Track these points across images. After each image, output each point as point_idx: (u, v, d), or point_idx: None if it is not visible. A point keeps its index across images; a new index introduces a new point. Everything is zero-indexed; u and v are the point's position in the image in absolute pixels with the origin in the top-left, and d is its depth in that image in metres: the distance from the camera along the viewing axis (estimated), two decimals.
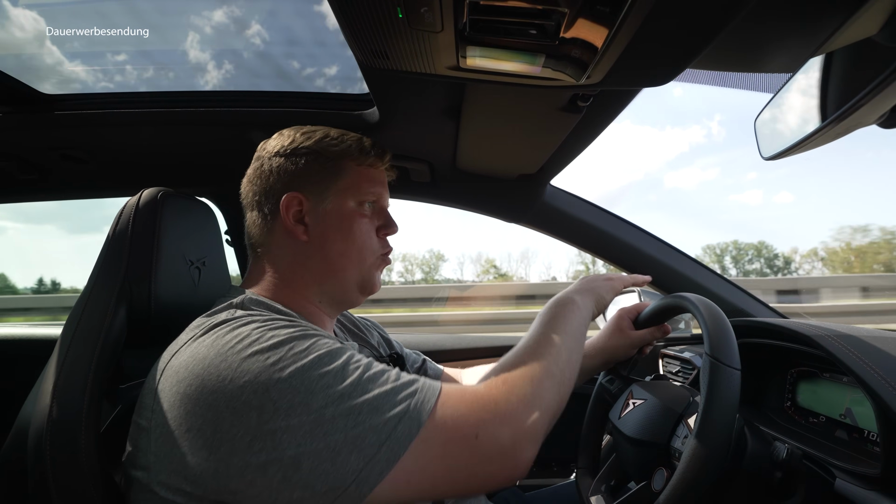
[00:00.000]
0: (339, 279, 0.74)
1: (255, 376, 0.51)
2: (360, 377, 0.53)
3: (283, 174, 0.73)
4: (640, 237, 1.29)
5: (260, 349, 0.53)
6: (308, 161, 0.73)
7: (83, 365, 0.66)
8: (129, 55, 1.10)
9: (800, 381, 0.97)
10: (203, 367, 0.53)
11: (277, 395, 0.50)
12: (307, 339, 0.55)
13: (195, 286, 0.82)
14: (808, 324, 0.90)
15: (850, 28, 0.49)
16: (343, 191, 0.74)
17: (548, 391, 0.59)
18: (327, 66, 1.07)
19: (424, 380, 0.57)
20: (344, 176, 0.74)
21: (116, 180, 1.25)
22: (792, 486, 0.65)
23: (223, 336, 0.55)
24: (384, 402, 0.52)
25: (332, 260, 0.73)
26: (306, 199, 0.72)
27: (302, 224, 0.72)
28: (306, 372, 0.52)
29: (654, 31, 0.53)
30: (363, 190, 0.75)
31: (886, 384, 0.68)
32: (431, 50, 0.61)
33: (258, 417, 0.49)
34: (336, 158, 0.74)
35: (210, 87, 1.06)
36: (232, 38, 1.08)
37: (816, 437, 0.87)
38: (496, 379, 0.59)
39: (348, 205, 0.74)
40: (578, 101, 0.75)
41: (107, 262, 0.75)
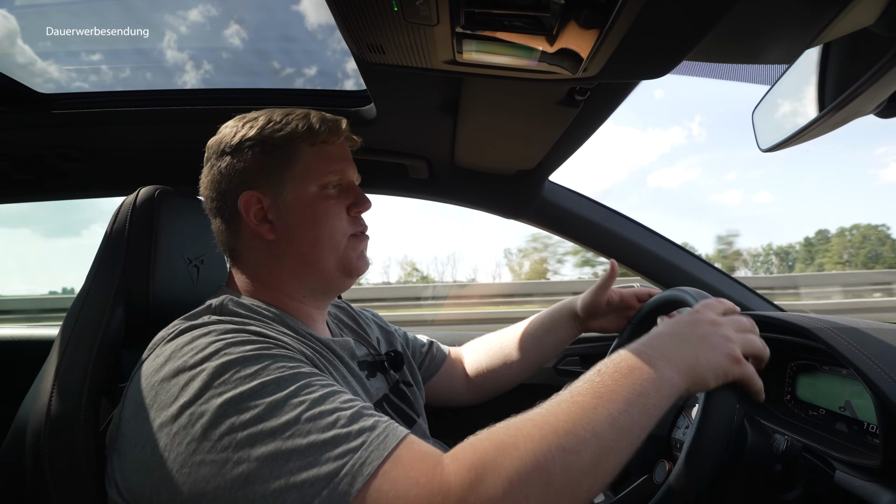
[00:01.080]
0: (317, 270, 0.70)
1: (194, 398, 0.49)
2: (300, 414, 0.47)
3: (234, 174, 0.69)
4: (639, 233, 1.29)
5: (208, 367, 0.50)
6: (255, 153, 0.68)
7: (81, 364, 0.66)
8: (126, 54, 1.09)
9: (799, 375, 0.97)
10: (156, 381, 0.52)
11: (209, 423, 0.47)
12: (259, 362, 0.51)
13: (194, 284, 0.82)
14: (807, 316, 0.90)
15: (846, 18, 0.49)
16: (300, 177, 0.69)
17: (534, 500, 0.44)
18: (322, 63, 1.07)
19: (385, 427, 0.49)
20: (298, 161, 0.69)
21: (114, 179, 1.25)
22: (792, 479, 0.65)
23: (181, 347, 0.54)
24: (317, 455, 0.45)
25: (305, 252, 0.69)
26: (264, 195, 0.68)
27: (266, 222, 0.68)
28: (243, 400, 0.48)
29: (651, 23, 0.53)
30: (321, 171, 0.70)
31: (886, 376, 0.68)
32: (427, 44, 0.61)
33: (188, 446, 0.47)
34: (284, 144, 0.69)
35: (206, 85, 1.06)
36: (230, 37, 1.08)
37: (816, 430, 0.87)
38: (471, 455, 0.47)
39: (309, 191, 0.69)
40: (576, 95, 0.75)
41: (104, 261, 0.74)
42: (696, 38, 0.56)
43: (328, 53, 1.07)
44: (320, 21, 1.04)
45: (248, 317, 0.62)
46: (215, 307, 0.63)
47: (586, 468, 0.46)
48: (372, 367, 0.80)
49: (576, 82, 0.70)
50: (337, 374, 0.65)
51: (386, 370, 0.83)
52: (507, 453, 0.46)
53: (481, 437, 0.49)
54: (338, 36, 0.67)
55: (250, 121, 0.71)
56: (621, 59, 0.60)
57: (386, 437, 0.48)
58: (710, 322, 0.60)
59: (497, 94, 0.79)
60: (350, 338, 0.80)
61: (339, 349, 0.70)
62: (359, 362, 0.76)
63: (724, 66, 0.72)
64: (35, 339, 1.48)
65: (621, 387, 0.51)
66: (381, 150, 1.14)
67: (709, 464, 0.59)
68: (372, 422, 0.49)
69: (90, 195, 1.32)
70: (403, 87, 0.86)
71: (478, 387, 1.02)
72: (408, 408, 0.79)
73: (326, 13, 0.58)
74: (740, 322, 0.62)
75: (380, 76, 0.82)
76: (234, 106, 1.03)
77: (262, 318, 0.63)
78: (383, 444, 0.47)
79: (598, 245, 1.30)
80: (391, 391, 0.80)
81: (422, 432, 0.79)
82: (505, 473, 0.44)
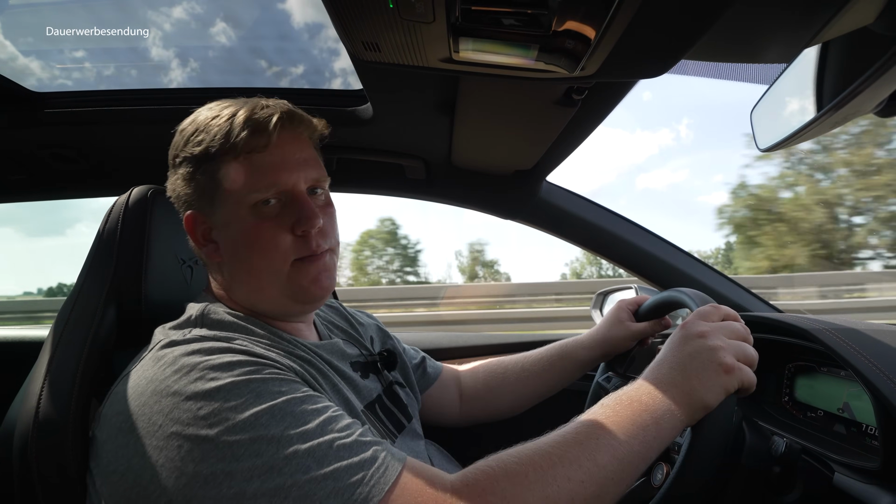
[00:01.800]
0: (264, 296, 0.64)
1: (183, 427, 0.47)
2: (298, 448, 0.46)
3: (176, 192, 0.65)
4: (637, 233, 1.28)
5: (194, 394, 0.48)
6: (186, 171, 0.63)
7: (71, 365, 0.65)
8: (120, 53, 1.09)
9: (797, 376, 0.96)
10: (138, 405, 0.50)
11: (200, 456, 0.45)
12: (248, 388, 0.48)
13: (187, 285, 0.81)
14: (805, 318, 0.89)
15: (845, 17, 0.49)
16: (228, 197, 0.61)
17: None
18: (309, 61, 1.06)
19: (384, 459, 0.48)
20: (223, 178, 0.61)
21: (107, 179, 1.24)
22: (791, 481, 0.65)
23: (164, 368, 0.51)
24: (317, 490, 0.44)
25: (248, 278, 0.64)
26: (203, 215, 0.64)
27: (213, 242, 0.64)
28: (236, 433, 0.46)
29: (649, 21, 0.53)
30: (250, 187, 0.60)
31: (885, 378, 0.67)
32: (424, 42, 0.60)
33: (177, 479, 0.45)
34: (207, 160, 0.61)
35: (201, 84, 1.05)
36: (216, 34, 1.07)
37: (815, 432, 0.87)
38: (481, 479, 0.48)
39: (240, 213, 0.61)
40: (573, 95, 0.75)
41: (96, 261, 0.73)
42: (693, 37, 0.56)
43: (315, 52, 1.06)
44: (307, 20, 1.03)
45: (231, 329, 0.60)
46: (195, 318, 0.61)
47: (589, 498, 0.48)
48: (365, 368, 0.79)
49: (573, 81, 0.70)
50: (327, 384, 0.63)
51: (379, 370, 0.82)
52: (516, 482, 0.47)
53: (491, 463, 0.50)
54: (324, 35, 0.66)
55: (182, 129, 0.64)
56: (619, 58, 0.60)
57: (386, 469, 0.47)
58: (700, 334, 0.60)
59: (494, 93, 0.78)
60: (339, 339, 0.79)
61: (328, 353, 0.69)
62: (351, 363, 0.75)
63: (722, 65, 0.71)
64: (26, 340, 1.47)
65: (623, 419, 0.53)
66: (377, 150, 1.13)
67: (707, 466, 0.58)
68: (371, 452, 0.48)
69: (83, 195, 1.31)
70: (400, 86, 0.86)
71: (471, 412, 0.99)
72: (399, 411, 0.78)
73: (313, 12, 0.58)
74: (732, 328, 0.62)
75: (376, 75, 0.82)
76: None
77: (246, 332, 0.61)
78: (384, 476, 0.47)
79: (595, 246, 1.30)
80: (384, 392, 0.79)
81: (413, 433, 0.78)
82: (513, 500, 0.46)
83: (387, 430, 0.70)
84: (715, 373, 0.56)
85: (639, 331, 0.93)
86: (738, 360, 0.58)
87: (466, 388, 1.00)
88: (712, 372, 0.56)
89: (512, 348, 1.36)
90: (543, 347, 1.00)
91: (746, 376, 0.58)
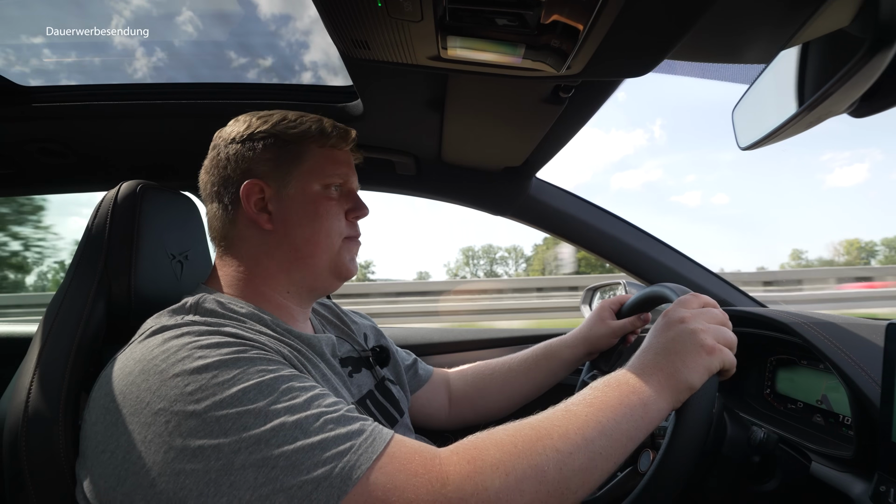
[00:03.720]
0: (308, 266, 0.71)
1: (170, 403, 0.47)
2: (286, 420, 0.46)
3: (241, 161, 0.70)
4: (624, 230, 1.30)
5: (182, 371, 0.49)
6: (266, 146, 0.70)
7: (61, 359, 0.65)
8: (111, 48, 1.08)
9: (779, 369, 0.99)
10: (126, 385, 0.51)
11: (188, 430, 0.46)
12: (236, 366, 0.50)
13: (177, 280, 0.82)
14: (787, 312, 0.92)
15: (822, 18, 0.50)
16: (306, 174, 0.71)
17: (528, 496, 0.47)
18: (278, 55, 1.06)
19: (371, 431, 0.49)
20: (306, 159, 0.71)
21: (97, 174, 1.23)
22: (770, 470, 0.67)
23: (152, 349, 0.52)
24: (305, 459, 0.45)
25: (299, 247, 0.70)
26: (267, 185, 0.69)
27: (265, 212, 0.69)
28: (224, 407, 0.46)
29: (632, 21, 0.54)
30: (327, 172, 0.72)
31: (860, 370, 0.70)
32: (412, 40, 0.61)
33: (165, 454, 0.46)
34: (296, 141, 0.71)
35: (190, 80, 1.05)
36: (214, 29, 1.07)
37: (795, 423, 0.89)
38: (470, 449, 0.49)
39: (313, 188, 0.71)
40: (560, 93, 0.76)
41: (85, 256, 0.74)
42: (676, 37, 0.57)
43: (282, 45, 1.06)
44: (274, 12, 1.03)
45: (223, 316, 0.61)
46: (190, 306, 0.62)
47: (577, 470, 0.49)
48: (357, 363, 0.80)
49: (560, 80, 0.71)
50: (316, 373, 0.64)
51: (371, 366, 0.83)
52: (505, 450, 0.49)
53: (480, 435, 0.52)
54: (292, 27, 0.67)
55: (264, 116, 0.73)
56: (604, 58, 0.61)
57: (374, 439, 0.48)
58: (680, 319, 0.62)
59: (483, 90, 0.79)
60: (332, 334, 0.80)
61: (321, 346, 0.70)
62: (342, 359, 0.76)
63: (704, 65, 0.73)
64: (13, 336, 1.46)
65: (612, 399, 0.55)
66: (368, 146, 1.14)
67: (691, 449, 0.60)
68: (358, 425, 0.49)
69: (71, 190, 1.30)
70: (390, 83, 0.86)
71: (460, 413, 1.00)
72: (391, 406, 0.79)
73: (282, 3, 0.58)
74: (711, 314, 0.64)
75: (366, 72, 0.82)
76: (220, 101, 1.02)
77: (238, 318, 0.62)
78: (372, 446, 0.47)
79: (584, 242, 1.31)
80: (376, 387, 0.80)
81: (405, 428, 0.79)
82: (503, 467, 0.47)
83: None
84: (697, 354, 0.58)
85: (620, 327, 0.95)
86: (719, 342, 0.61)
87: (455, 389, 1.01)
88: (695, 353, 0.58)
89: (503, 343, 1.38)
90: (530, 348, 1.02)
91: (727, 357, 0.60)
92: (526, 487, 0.47)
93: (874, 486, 0.61)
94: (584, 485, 0.50)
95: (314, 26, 1.01)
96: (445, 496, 0.45)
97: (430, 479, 0.46)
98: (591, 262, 10.28)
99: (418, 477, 0.46)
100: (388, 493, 0.45)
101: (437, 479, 0.46)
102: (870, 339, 0.76)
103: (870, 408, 0.66)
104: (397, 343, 1.03)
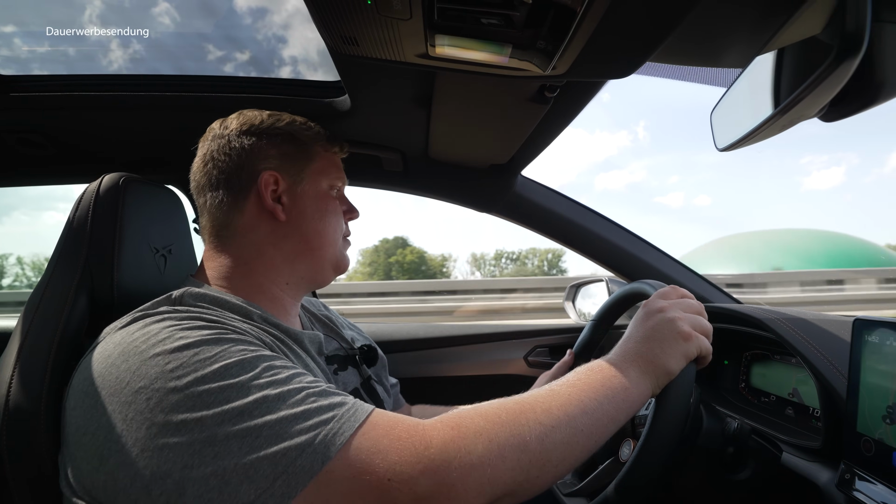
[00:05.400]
0: (315, 258, 0.75)
1: (150, 381, 0.47)
2: (268, 393, 0.47)
3: (258, 153, 0.72)
4: (608, 228, 1.33)
5: (162, 351, 0.49)
6: (283, 142, 0.74)
7: (42, 354, 0.64)
8: (88, 39, 1.06)
9: (753, 364, 1.02)
10: (105, 367, 0.51)
11: (170, 406, 0.46)
12: (218, 345, 0.50)
13: (161, 274, 0.81)
14: (761, 308, 0.95)
15: (795, 25, 0.52)
16: (317, 173, 0.76)
17: (509, 463, 0.48)
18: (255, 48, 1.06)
19: (354, 403, 0.50)
20: (316, 160, 0.76)
21: (78, 166, 1.21)
22: (743, 460, 0.70)
23: (132, 333, 0.53)
24: (288, 427, 0.46)
25: (309, 239, 0.74)
26: (283, 178, 0.73)
27: (279, 203, 0.72)
28: (206, 382, 0.47)
29: (616, 24, 0.55)
30: (332, 174, 0.78)
31: (829, 364, 0.73)
32: (401, 37, 0.62)
33: (147, 430, 0.46)
34: (308, 143, 0.76)
35: (175, 72, 1.03)
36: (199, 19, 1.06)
37: (768, 416, 0.93)
38: (454, 417, 0.51)
39: (322, 187, 0.76)
40: (546, 92, 0.77)
41: (65, 250, 0.73)
42: (657, 41, 0.59)
43: (259, 38, 1.06)
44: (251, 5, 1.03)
45: (207, 307, 0.61)
46: (175, 298, 0.62)
47: (558, 443, 0.51)
48: (343, 361, 0.80)
49: (546, 80, 0.72)
50: (298, 362, 0.64)
51: (358, 364, 0.83)
52: (489, 419, 0.50)
53: (465, 408, 0.53)
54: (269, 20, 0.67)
55: (275, 115, 0.77)
56: (588, 59, 0.62)
57: (356, 410, 0.49)
58: (659, 309, 0.65)
59: (470, 88, 0.80)
60: (320, 332, 0.80)
61: (307, 341, 0.70)
62: (328, 357, 0.76)
63: (685, 68, 0.75)
64: None
65: (593, 381, 0.57)
66: (355, 142, 1.14)
67: (671, 435, 0.62)
68: (340, 398, 0.50)
69: (51, 182, 1.28)
70: (378, 80, 0.87)
71: None
72: (376, 406, 0.79)
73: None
74: (688, 304, 0.67)
75: (354, 68, 0.83)
76: (206, 94, 1.01)
77: (222, 309, 0.62)
78: (355, 415, 0.48)
79: (567, 239, 1.33)
80: (362, 386, 0.80)
81: None
82: (486, 434, 0.48)
83: None
84: (675, 341, 0.61)
85: None
86: (695, 330, 0.63)
87: None
88: (673, 340, 0.61)
89: (486, 339, 1.40)
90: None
91: (703, 344, 0.63)
92: (508, 455, 0.48)
93: (840, 474, 0.64)
94: (566, 459, 0.51)
95: (292, 20, 1.01)
96: (429, 458, 0.46)
97: (414, 442, 0.47)
98: None
99: (402, 441, 0.47)
100: (371, 457, 0.46)
101: (421, 443, 0.47)
102: (838, 334, 0.79)
103: (837, 400, 0.69)
104: (385, 339, 1.04)
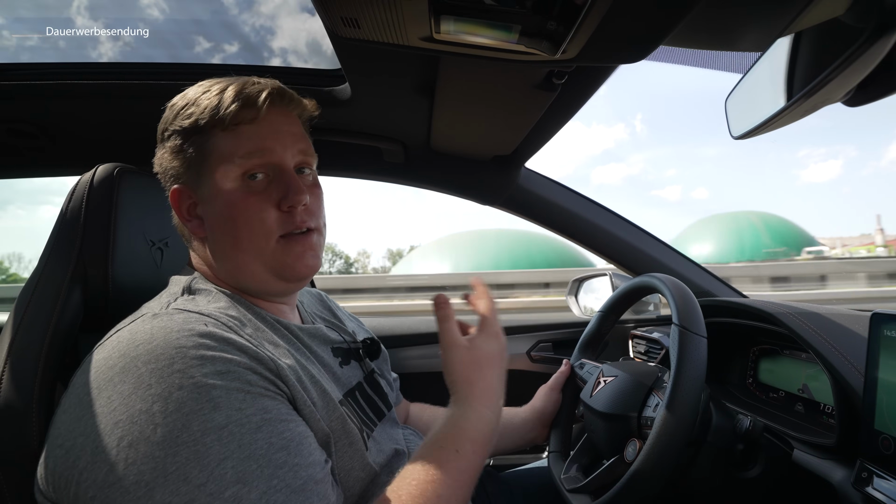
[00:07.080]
0: (245, 273, 0.63)
1: (131, 417, 0.46)
2: (238, 490, 0.46)
3: (165, 165, 0.65)
4: (612, 221, 1.31)
5: (157, 382, 0.47)
6: (176, 143, 0.63)
7: (34, 348, 0.63)
8: (83, 27, 1.03)
9: (761, 359, 1.00)
10: (105, 379, 0.49)
11: (133, 457, 0.45)
12: (207, 396, 0.48)
13: (157, 268, 0.79)
14: (770, 302, 0.93)
15: (818, 7, 0.50)
16: (216, 168, 0.61)
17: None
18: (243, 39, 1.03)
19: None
20: (212, 150, 0.61)
21: (70, 157, 1.18)
22: (753, 457, 0.68)
23: (138, 346, 0.50)
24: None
25: (233, 253, 0.63)
26: (190, 189, 0.64)
27: (197, 218, 0.64)
28: (177, 445, 0.45)
29: (629, 6, 0.53)
30: (236, 159, 0.60)
31: (843, 359, 0.71)
32: (404, 19, 0.59)
33: (106, 475, 0.45)
34: (197, 132, 0.61)
35: (170, 59, 1.01)
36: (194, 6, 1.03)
37: (777, 412, 0.91)
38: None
39: (226, 185, 0.61)
40: (554, 79, 0.75)
41: (59, 242, 0.70)
42: (672, 23, 0.56)
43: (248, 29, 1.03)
44: None
45: (212, 306, 0.59)
46: (185, 288, 0.61)
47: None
48: (346, 355, 0.78)
49: (554, 65, 0.70)
50: (305, 375, 0.61)
51: (361, 358, 0.81)
52: None
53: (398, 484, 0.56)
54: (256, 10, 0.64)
55: (172, 104, 0.64)
56: (600, 42, 0.60)
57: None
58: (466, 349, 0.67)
59: (474, 75, 0.78)
60: (321, 325, 0.78)
61: (309, 337, 0.68)
62: (333, 349, 0.74)
63: (699, 53, 0.72)
64: None
65: (462, 454, 0.59)
66: (355, 132, 1.11)
67: (677, 441, 0.61)
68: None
69: (44, 173, 1.25)
70: (379, 67, 0.84)
71: None
72: (379, 399, 0.78)
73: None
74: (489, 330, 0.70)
75: (354, 53, 0.80)
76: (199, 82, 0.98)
77: (231, 308, 0.60)
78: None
79: (571, 233, 1.31)
80: (365, 380, 0.79)
81: (393, 422, 0.79)
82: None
83: (367, 418, 0.70)
84: (484, 367, 0.67)
85: (557, 400, 0.97)
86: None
87: (410, 420, 0.99)
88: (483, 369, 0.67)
89: None
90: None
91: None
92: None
93: (856, 472, 0.62)
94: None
95: (279, 10, 0.98)
96: None
97: None
98: None
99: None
100: None
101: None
102: (853, 328, 0.77)
103: (852, 396, 0.67)
104: (386, 333, 1.02)
